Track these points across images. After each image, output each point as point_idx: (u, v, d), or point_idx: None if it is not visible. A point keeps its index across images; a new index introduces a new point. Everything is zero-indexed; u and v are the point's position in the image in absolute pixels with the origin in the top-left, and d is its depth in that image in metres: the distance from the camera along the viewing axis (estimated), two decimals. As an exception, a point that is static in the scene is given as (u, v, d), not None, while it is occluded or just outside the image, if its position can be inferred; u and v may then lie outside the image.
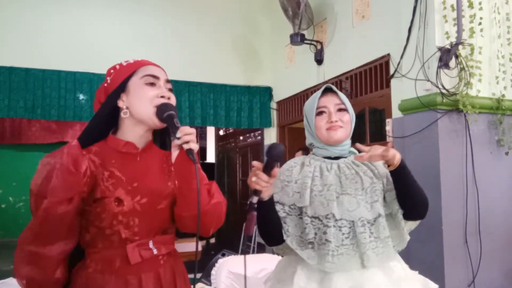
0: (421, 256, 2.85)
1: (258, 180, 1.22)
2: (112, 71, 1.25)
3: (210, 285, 3.10)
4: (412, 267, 3.00)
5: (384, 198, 1.44)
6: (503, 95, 2.92)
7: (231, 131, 7.07)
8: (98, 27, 4.76)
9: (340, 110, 1.48)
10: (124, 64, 1.26)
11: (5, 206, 8.69)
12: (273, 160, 1.22)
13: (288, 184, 1.43)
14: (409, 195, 1.46)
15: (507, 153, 2.96)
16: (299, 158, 1.53)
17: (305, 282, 1.37)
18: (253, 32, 5.52)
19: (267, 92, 5.49)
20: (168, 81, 1.26)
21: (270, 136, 5.56)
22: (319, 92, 1.49)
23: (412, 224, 1.54)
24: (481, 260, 2.80)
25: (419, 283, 1.48)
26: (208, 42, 5.21)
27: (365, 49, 3.67)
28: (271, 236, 1.40)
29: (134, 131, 1.22)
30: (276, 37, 5.42)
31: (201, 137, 7.84)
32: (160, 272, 1.20)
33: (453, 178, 2.77)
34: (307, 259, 1.36)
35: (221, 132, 7.60)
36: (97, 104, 1.25)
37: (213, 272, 3.08)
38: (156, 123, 1.18)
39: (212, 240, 7.64)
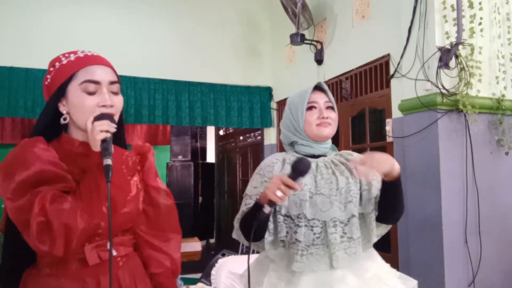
0: (421, 256, 2.85)
1: (283, 195, 1.22)
2: (51, 68, 1.14)
3: (210, 285, 3.10)
4: (412, 267, 3.02)
5: (360, 197, 1.44)
6: (503, 95, 2.92)
7: (231, 131, 7.07)
8: (97, 27, 4.75)
9: (328, 107, 1.50)
10: (65, 61, 1.13)
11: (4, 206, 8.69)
12: (300, 175, 1.24)
13: (267, 180, 1.43)
14: (394, 204, 1.46)
15: (507, 153, 2.96)
16: (280, 154, 1.55)
17: (275, 282, 1.39)
18: (253, 32, 5.52)
19: (267, 92, 5.50)
20: (112, 82, 1.14)
21: (270, 136, 5.57)
22: (309, 88, 1.51)
23: (383, 229, 1.53)
24: (481, 260, 2.80)
25: (397, 279, 1.47)
26: (208, 42, 5.21)
27: (365, 49, 3.67)
28: (256, 234, 1.37)
29: (80, 133, 1.14)
30: (276, 37, 5.42)
31: (201, 137, 7.83)
32: (119, 274, 1.15)
33: (453, 178, 2.77)
34: (277, 259, 1.39)
35: (221, 132, 7.60)
36: (45, 96, 1.17)
37: (213, 272, 3.08)
38: None
39: (212, 240, 7.65)
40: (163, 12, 5.06)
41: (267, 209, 1.25)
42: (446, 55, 2.73)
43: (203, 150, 7.76)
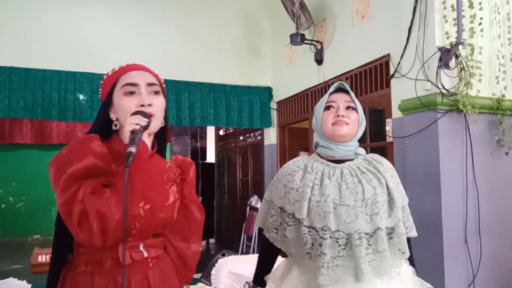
0: (421, 256, 2.84)
1: None
2: (101, 82, 1.25)
3: (210, 285, 3.10)
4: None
5: (390, 213, 1.39)
6: (503, 95, 2.92)
7: (231, 131, 7.07)
8: (98, 27, 4.76)
9: (349, 107, 1.45)
10: (110, 73, 1.23)
11: (5, 206, 8.69)
12: None
13: (289, 191, 1.42)
14: None
15: (507, 153, 2.96)
16: (302, 159, 1.50)
17: None
18: (253, 32, 5.52)
19: (267, 92, 5.50)
20: (151, 83, 1.21)
21: (270, 136, 5.57)
22: (331, 89, 1.50)
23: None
24: (481, 260, 2.80)
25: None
26: (208, 42, 5.21)
27: (365, 49, 3.67)
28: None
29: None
30: (276, 37, 5.42)
31: (201, 137, 7.84)
32: (149, 275, 1.20)
33: (453, 178, 2.77)
34: (303, 270, 1.38)
35: (221, 132, 7.60)
36: None
37: (213, 272, 3.08)
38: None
39: (212, 240, 7.65)
40: (163, 12, 5.06)
41: None
42: (446, 55, 2.73)
43: (203, 150, 7.77)
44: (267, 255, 1.58)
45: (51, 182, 1.11)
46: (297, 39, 4.28)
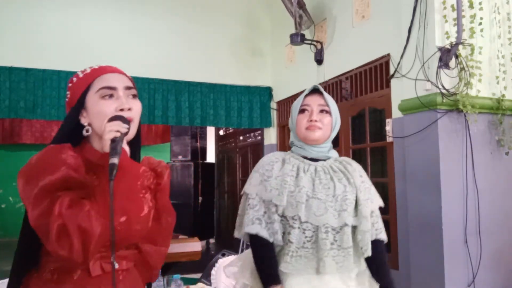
0: (421, 256, 2.85)
1: None
2: (70, 84, 1.17)
3: (210, 285, 3.10)
4: (412, 267, 3.01)
5: (357, 212, 1.43)
6: (503, 95, 2.92)
7: (231, 131, 7.07)
8: (98, 27, 4.76)
9: (322, 111, 1.49)
10: (81, 75, 1.16)
11: (5, 206, 8.70)
12: None
13: (267, 179, 1.44)
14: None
15: (507, 153, 2.96)
16: (279, 154, 1.54)
17: (258, 278, 1.40)
18: (253, 32, 5.52)
19: (267, 92, 5.50)
20: (128, 87, 1.16)
21: (270, 136, 5.57)
22: (306, 91, 1.52)
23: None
24: (481, 260, 2.80)
25: None
26: (208, 42, 5.21)
27: (365, 49, 3.67)
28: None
29: (101, 145, 1.12)
30: (276, 37, 5.42)
31: (201, 137, 7.83)
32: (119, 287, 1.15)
33: (453, 178, 2.77)
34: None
35: (221, 132, 7.60)
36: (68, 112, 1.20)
37: (213, 272, 3.08)
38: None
39: (212, 240, 7.65)
40: (163, 12, 5.06)
41: None
42: (446, 55, 2.73)
43: (203, 150, 7.75)
44: (264, 259, 1.42)
45: (20, 194, 1.05)
46: (297, 39, 4.28)
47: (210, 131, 8.30)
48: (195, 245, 4.05)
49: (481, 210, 2.84)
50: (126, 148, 1.10)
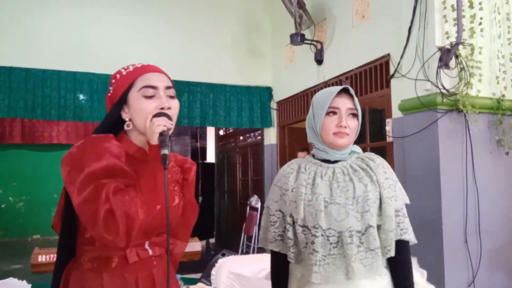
0: (421, 256, 2.84)
1: None
2: (113, 80, 1.24)
3: (210, 285, 3.10)
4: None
5: (381, 211, 1.37)
6: (503, 95, 2.92)
7: (231, 131, 7.07)
8: (98, 27, 4.76)
9: (350, 115, 1.42)
10: (124, 73, 1.22)
11: (5, 206, 8.69)
12: None
13: (285, 193, 1.41)
14: None
15: (507, 153, 2.96)
16: (296, 162, 1.49)
17: None
18: (253, 32, 5.52)
19: (267, 92, 5.50)
20: (168, 87, 1.22)
21: (270, 136, 5.57)
22: (335, 90, 1.41)
23: None
24: (481, 260, 2.80)
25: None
26: (208, 42, 5.21)
27: (365, 49, 3.67)
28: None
29: (140, 139, 1.22)
30: (276, 37, 5.42)
31: (201, 137, 7.84)
32: (154, 273, 1.22)
33: (453, 178, 2.77)
34: (296, 270, 1.39)
35: (221, 132, 7.60)
36: (108, 108, 1.26)
37: (213, 272, 3.08)
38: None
39: (212, 240, 7.65)
40: (163, 12, 5.06)
41: None
42: (446, 55, 2.73)
43: (203, 150, 7.76)
44: (279, 274, 1.45)
45: (65, 180, 1.10)
46: (297, 39, 4.28)
47: (210, 131, 8.30)
48: (195, 245, 4.05)
49: (481, 210, 2.84)
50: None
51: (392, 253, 1.36)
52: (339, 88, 1.42)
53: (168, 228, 1.06)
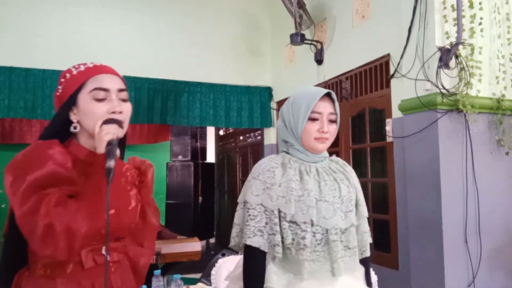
0: (421, 256, 2.85)
1: None
2: (62, 79, 1.18)
3: (210, 285, 3.10)
4: (412, 267, 3.01)
5: (357, 212, 1.46)
6: (503, 95, 2.92)
7: (231, 131, 7.07)
8: (98, 27, 4.76)
9: (331, 121, 1.43)
10: (75, 72, 1.17)
11: (5, 206, 8.68)
12: None
13: (271, 187, 1.36)
14: None
15: (507, 153, 2.96)
16: (277, 157, 1.45)
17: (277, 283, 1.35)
18: (253, 32, 5.52)
19: (267, 92, 5.49)
20: (121, 89, 1.18)
21: (270, 136, 5.57)
22: (317, 95, 1.40)
23: None
24: (481, 260, 2.80)
25: None
26: (208, 41, 5.21)
27: (365, 49, 3.67)
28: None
29: (89, 143, 1.17)
30: (276, 37, 5.42)
31: (201, 137, 7.82)
32: (111, 279, 1.18)
33: (453, 178, 2.77)
34: (284, 268, 1.37)
35: (221, 132, 7.60)
36: (56, 107, 1.21)
37: (213, 272, 3.08)
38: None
39: (212, 240, 7.64)
40: (163, 12, 5.06)
41: None
42: (446, 55, 2.73)
43: (203, 150, 7.75)
44: (256, 274, 1.35)
45: (6, 190, 1.06)
46: (297, 39, 4.28)
47: (210, 131, 8.29)
48: (195, 245, 4.05)
49: (481, 210, 2.84)
50: (117, 150, 1.13)
51: (367, 253, 1.46)
52: (322, 92, 1.40)
53: (107, 243, 1.05)
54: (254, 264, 1.35)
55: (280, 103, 5.43)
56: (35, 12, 4.53)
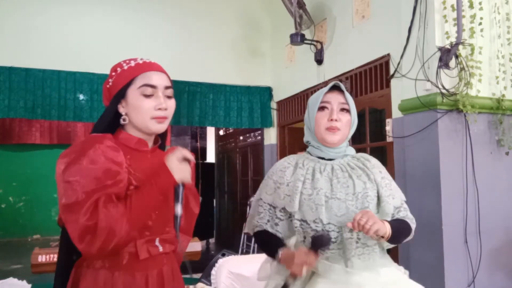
0: (421, 256, 2.85)
1: (308, 270, 1.25)
2: (113, 73, 1.24)
3: (210, 285, 3.10)
4: (412, 267, 3.01)
5: (379, 209, 1.41)
6: (503, 95, 2.92)
7: (231, 131, 7.07)
8: (97, 27, 4.76)
9: (342, 109, 1.44)
10: (126, 67, 1.23)
11: (5, 206, 8.69)
12: (322, 250, 1.27)
13: (280, 186, 1.42)
14: (400, 241, 1.47)
15: (507, 153, 2.96)
16: (293, 157, 1.51)
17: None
18: (253, 32, 5.52)
19: (267, 92, 5.49)
20: (167, 87, 1.24)
21: (270, 136, 5.56)
22: (326, 88, 1.46)
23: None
24: (481, 260, 2.80)
25: (413, 284, 1.44)
26: (208, 41, 5.21)
27: (365, 49, 3.67)
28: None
29: (136, 133, 1.24)
30: (276, 37, 5.42)
31: (201, 137, 7.84)
32: (163, 270, 1.21)
33: (453, 178, 2.77)
34: None
35: (221, 132, 7.60)
36: (104, 100, 1.27)
37: (213, 272, 3.08)
38: (153, 132, 1.23)
39: (212, 240, 7.65)
40: (163, 12, 5.06)
41: (290, 281, 1.29)
42: (446, 55, 2.73)
43: (203, 150, 7.76)
44: (268, 239, 1.44)
45: (58, 179, 1.10)
46: (297, 39, 4.28)
47: (210, 131, 8.30)
48: (195, 245, 4.05)
49: (481, 210, 2.84)
50: (150, 143, 1.27)
51: (386, 247, 1.43)
52: (331, 85, 1.46)
53: (178, 235, 1.12)
54: (263, 239, 1.45)
55: (280, 103, 5.43)
56: (36, 12, 4.53)
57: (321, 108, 1.44)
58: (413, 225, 1.47)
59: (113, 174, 1.11)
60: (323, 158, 1.46)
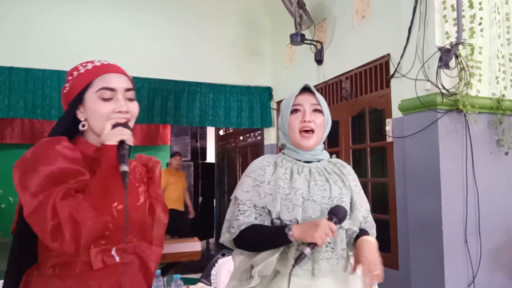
0: (421, 256, 2.85)
1: (329, 237, 1.26)
2: (70, 77, 1.18)
3: (210, 285, 3.10)
4: (412, 267, 3.01)
5: (351, 215, 1.41)
6: (503, 95, 2.92)
7: (231, 131, 7.07)
8: (97, 27, 4.76)
9: (315, 110, 1.44)
10: (82, 70, 1.17)
11: (5, 206, 8.69)
12: (341, 221, 1.30)
13: (260, 184, 1.39)
14: None
15: (507, 153, 2.96)
16: (271, 157, 1.49)
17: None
18: (253, 32, 5.52)
19: (267, 92, 5.49)
20: (128, 89, 1.18)
21: (270, 136, 5.57)
22: (296, 91, 1.47)
23: None
24: (481, 260, 2.80)
25: None
26: (208, 42, 5.21)
27: (365, 49, 3.67)
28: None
29: (96, 140, 1.17)
30: (276, 37, 5.42)
31: (201, 137, 7.84)
32: (121, 280, 1.17)
33: (453, 178, 2.77)
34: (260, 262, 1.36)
35: (221, 132, 7.60)
36: (64, 106, 1.21)
37: (213, 272, 3.08)
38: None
39: (212, 240, 7.65)
40: (163, 12, 5.06)
41: (307, 250, 1.27)
42: (446, 55, 2.73)
43: (203, 150, 7.76)
44: (263, 230, 1.37)
45: (17, 186, 1.07)
46: (297, 39, 4.28)
47: (210, 131, 8.30)
48: (195, 245, 4.05)
49: (481, 210, 2.84)
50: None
51: (365, 226, 1.47)
52: (301, 87, 1.47)
53: (126, 232, 1.07)
54: (255, 231, 1.36)
55: (280, 103, 5.42)
56: (36, 12, 4.52)
57: (294, 111, 1.44)
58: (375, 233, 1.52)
59: (73, 173, 1.08)
60: (299, 160, 1.46)
